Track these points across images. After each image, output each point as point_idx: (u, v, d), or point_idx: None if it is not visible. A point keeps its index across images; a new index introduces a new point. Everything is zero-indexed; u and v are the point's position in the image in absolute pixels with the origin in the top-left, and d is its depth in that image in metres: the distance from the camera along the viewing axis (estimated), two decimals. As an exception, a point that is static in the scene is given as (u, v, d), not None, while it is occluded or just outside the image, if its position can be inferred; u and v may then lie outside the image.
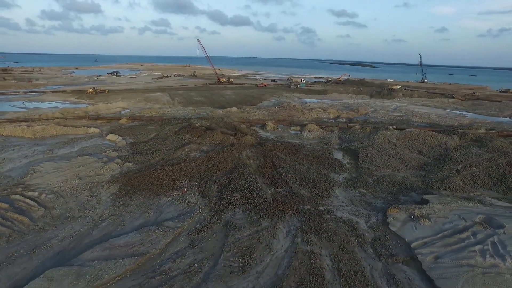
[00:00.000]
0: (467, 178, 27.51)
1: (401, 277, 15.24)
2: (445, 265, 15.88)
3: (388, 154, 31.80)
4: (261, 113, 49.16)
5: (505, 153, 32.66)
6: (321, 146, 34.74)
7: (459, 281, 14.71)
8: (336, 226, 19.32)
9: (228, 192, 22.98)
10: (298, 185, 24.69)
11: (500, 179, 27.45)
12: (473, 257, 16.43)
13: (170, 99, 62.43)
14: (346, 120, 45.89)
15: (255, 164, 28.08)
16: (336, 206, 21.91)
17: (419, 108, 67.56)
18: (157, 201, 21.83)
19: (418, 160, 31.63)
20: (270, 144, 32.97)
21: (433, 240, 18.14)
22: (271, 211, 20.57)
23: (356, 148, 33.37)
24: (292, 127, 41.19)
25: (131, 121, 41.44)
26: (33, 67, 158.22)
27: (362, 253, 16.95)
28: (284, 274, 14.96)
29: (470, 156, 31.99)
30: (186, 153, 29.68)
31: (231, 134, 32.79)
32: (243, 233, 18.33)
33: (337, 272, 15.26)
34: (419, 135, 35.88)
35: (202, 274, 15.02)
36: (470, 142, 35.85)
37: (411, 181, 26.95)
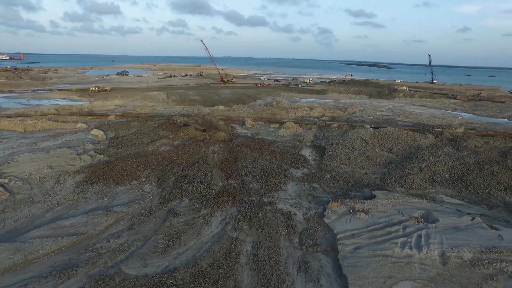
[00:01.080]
0: (427, 176, 27.48)
1: (314, 265, 15.99)
2: (360, 255, 16.46)
3: (356, 151, 32.09)
4: (247, 111, 50.33)
5: (476, 153, 32.21)
6: (292, 143, 35.47)
7: (367, 269, 15.28)
8: (272, 217, 20.21)
9: (182, 182, 24.38)
10: (252, 178, 25.69)
11: (461, 177, 27.26)
12: (391, 248, 16.89)
13: (166, 97, 64.81)
14: (329, 119, 46.12)
15: (218, 158, 29.32)
16: (280, 199, 22.76)
17: (415, 108, 66.41)
18: (114, 189, 23.52)
19: (386, 157, 31.75)
20: (240, 140, 34.09)
21: (360, 232, 18.65)
22: (215, 201, 21.74)
23: (326, 145, 33.86)
24: (272, 125, 42.08)
25: (119, 117, 43.78)
26: (49, 67, 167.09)
27: (286, 242, 17.79)
28: (201, 256, 16.11)
29: (439, 154, 31.74)
30: (157, 147, 31.36)
31: (202, 130, 34.22)
32: (180, 219, 19.62)
33: (253, 257, 16.22)
34: (393, 133, 35.83)
35: (128, 253, 16.44)
36: (446, 141, 35.42)
37: (369, 177, 27.27)
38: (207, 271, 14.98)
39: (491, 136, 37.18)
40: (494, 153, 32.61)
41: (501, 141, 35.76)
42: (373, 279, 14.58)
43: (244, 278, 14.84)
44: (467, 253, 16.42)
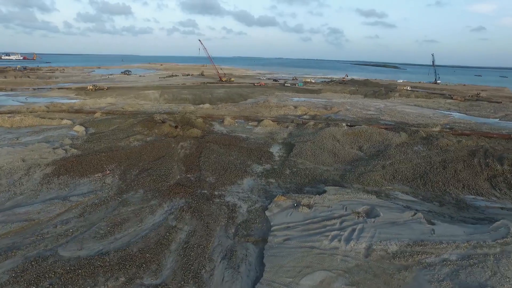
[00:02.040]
0: (388, 173, 27.66)
1: (240, 254, 16.68)
2: (287, 246, 17.04)
3: (324, 148, 32.47)
4: (232, 109, 51.27)
5: (445, 151, 32.16)
6: (265, 140, 36.12)
7: (287, 259, 15.86)
8: (216, 209, 21.01)
9: (143, 175, 25.50)
10: (210, 172, 26.54)
11: (422, 175, 27.36)
12: (320, 241, 17.38)
13: (159, 96, 66.45)
14: (309, 117, 46.50)
15: (183, 153, 30.32)
16: (232, 192, 23.52)
17: (407, 108, 65.83)
18: (78, 181, 24.81)
19: (353, 155, 32.00)
20: (212, 137, 35.04)
21: (297, 225, 19.20)
22: (167, 193, 22.71)
23: (296, 142, 34.37)
24: (250, 123, 42.83)
25: (105, 115, 45.45)
26: (57, 66, 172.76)
27: (221, 232, 18.56)
28: (135, 242, 17.08)
29: (407, 153, 31.81)
30: (129, 142, 32.63)
31: (174, 127, 35.35)
32: (128, 209, 20.67)
33: (183, 245, 17.08)
34: (366, 132, 36.00)
35: (70, 238, 17.56)
36: (418, 139, 35.36)
37: (330, 174, 27.66)
38: (135, 255, 15.93)
39: (466, 135, 36.82)
40: (464, 152, 32.48)
41: (474, 140, 35.41)
42: (290, 268, 15.16)
43: (168, 262, 15.71)
44: (393, 246, 16.77)
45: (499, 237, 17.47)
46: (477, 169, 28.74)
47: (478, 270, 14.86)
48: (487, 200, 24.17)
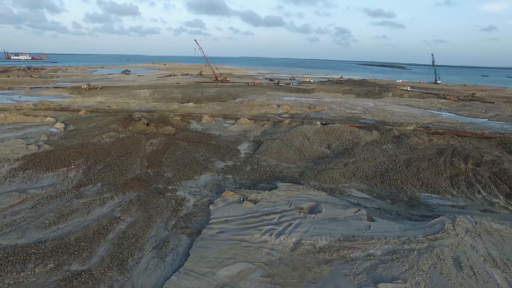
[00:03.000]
0: (349, 171, 27.78)
1: (171, 244, 17.19)
2: (217, 238, 17.47)
3: (291, 146, 32.74)
4: (214, 108, 51.91)
5: (414, 150, 32.10)
6: (236, 137, 36.56)
7: (213, 250, 16.27)
8: (164, 202, 21.60)
9: (105, 170, 26.28)
10: (170, 168, 27.14)
11: (383, 173, 27.41)
12: (252, 234, 17.74)
13: (148, 95, 67.57)
14: (289, 116, 46.78)
15: (151, 150, 31.03)
16: (185, 187, 24.07)
17: (395, 107, 65.34)
18: (41, 175, 25.73)
19: (320, 153, 32.18)
20: (183, 134, 35.69)
21: (235, 219, 19.60)
22: (122, 187, 23.41)
23: (265, 140, 34.74)
24: (228, 121, 43.36)
25: (89, 112, 46.62)
26: (61, 66, 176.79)
27: (161, 224, 19.10)
28: (74, 231, 17.78)
29: (374, 151, 31.83)
30: (101, 139, 33.53)
31: (146, 124, 36.15)
32: (81, 201, 21.40)
33: (120, 234, 17.71)
34: (338, 130, 36.09)
35: (15, 227, 18.34)
36: (390, 138, 35.29)
37: (290, 171, 27.93)
38: (70, 243, 16.61)
39: (440, 134, 36.53)
40: (433, 151, 32.37)
41: (446, 139, 35.11)
42: (212, 259, 15.59)
43: (100, 251, 16.33)
44: (323, 241, 17.02)
45: (431, 233, 17.55)
46: (441, 168, 28.64)
47: (397, 264, 15.03)
48: (441, 198, 24.12)
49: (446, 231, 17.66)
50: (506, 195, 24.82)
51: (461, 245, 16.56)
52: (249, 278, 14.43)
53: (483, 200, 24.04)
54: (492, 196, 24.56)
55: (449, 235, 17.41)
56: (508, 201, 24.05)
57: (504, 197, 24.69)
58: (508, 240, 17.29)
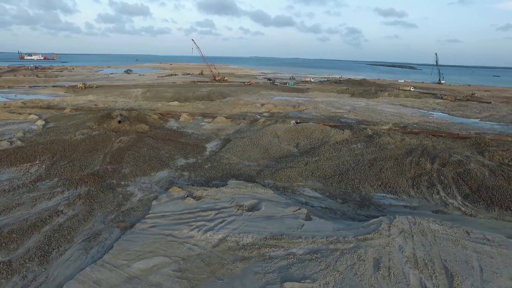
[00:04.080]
0: (308, 169, 27.49)
1: (102, 237, 17.44)
2: (147, 232, 17.61)
3: (257, 145, 32.64)
4: (197, 106, 52.28)
5: (382, 149, 31.52)
6: (208, 135, 36.69)
7: (137, 244, 16.42)
8: (111, 197, 21.93)
9: (66, 165, 26.90)
10: (130, 164, 27.51)
11: (342, 172, 27.01)
12: (181, 230, 17.80)
13: (140, 94, 68.60)
14: (268, 115, 46.64)
15: (118, 147, 31.54)
16: (137, 183, 24.36)
17: (387, 107, 64.14)
18: (3, 170, 26.55)
19: (286, 152, 31.93)
20: (156, 132, 36.13)
21: (172, 214, 19.70)
22: (76, 182, 23.91)
23: (234, 138, 34.76)
24: (205, 119, 43.59)
25: (74, 111, 47.79)
26: (67, 66, 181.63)
27: (100, 218, 19.39)
28: (11, 223, 18.28)
29: (341, 150, 31.39)
30: (74, 136, 34.31)
31: (118, 122, 36.77)
32: (31, 195, 21.98)
33: (55, 225, 18.13)
34: (309, 129, 35.75)
35: (-45, 217, 19.10)
36: (363, 137, 34.68)
37: (249, 169, 27.85)
38: (1, 235, 17.14)
39: (415, 134, 35.64)
40: (403, 150, 31.72)
41: (420, 139, 34.22)
42: (133, 252, 15.75)
43: (29, 243, 16.75)
44: (248, 238, 16.93)
45: (363, 234, 17.19)
46: (406, 168, 28.00)
47: (313, 264, 14.80)
48: (396, 198, 23.56)
49: (379, 232, 17.25)
50: (465, 196, 24.08)
51: (389, 246, 16.15)
52: (161, 272, 14.52)
53: (440, 201, 23.38)
54: (449, 197, 23.85)
55: (381, 235, 17.01)
56: (464, 202, 23.32)
57: (462, 198, 23.97)
58: (440, 241, 16.76)
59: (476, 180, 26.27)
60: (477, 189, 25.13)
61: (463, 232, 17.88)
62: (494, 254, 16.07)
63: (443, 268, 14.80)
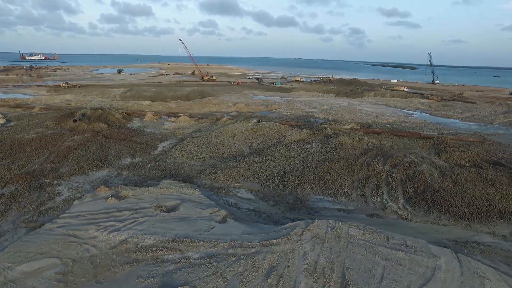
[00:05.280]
0: (251, 170, 26.63)
1: (3, 238, 16.99)
2: (51, 232, 16.99)
3: (208, 144, 31.95)
4: (168, 105, 51.82)
5: (336, 149, 30.71)
6: (166, 135, 36.10)
7: (34, 244, 15.85)
8: (36, 196, 21.46)
9: (3, 165, 26.49)
10: (71, 163, 27.00)
11: (285, 173, 26.20)
12: (87, 230, 17.15)
13: (119, 93, 68.32)
14: (236, 114, 45.95)
15: (67, 145, 31.08)
16: (70, 182, 23.84)
17: (368, 107, 63.03)
18: None
19: (236, 151, 31.17)
20: (112, 131, 35.65)
21: (88, 214, 19.08)
22: (6, 181, 23.44)
23: (187, 137, 34.13)
24: (170, 119, 43.05)
25: (43, 110, 47.62)
26: (63, 66, 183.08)
27: (13, 218, 18.92)
28: None
29: (293, 150, 30.57)
30: (26, 135, 33.98)
31: (73, 121, 36.39)
32: (-46, 193, 21.66)
33: (-41, 227, 17.68)
34: (266, 128, 34.97)
35: None
36: (321, 137, 33.80)
37: (191, 169, 27.12)
38: None
39: (377, 134, 34.63)
40: (358, 150, 30.83)
41: (379, 139, 33.20)
42: (24, 253, 15.13)
43: None
44: (150, 240, 16.22)
45: (270, 238, 16.38)
46: (355, 169, 27.09)
47: (201, 270, 14.05)
48: (333, 201, 22.66)
49: (288, 237, 16.42)
50: (407, 199, 23.11)
51: (292, 252, 15.31)
52: (42, 275, 13.87)
53: (379, 204, 22.43)
54: (391, 200, 22.89)
55: (290, 241, 16.17)
56: (405, 205, 22.35)
57: (405, 201, 23.00)
58: (352, 247, 15.87)
59: (424, 182, 25.30)
60: (423, 191, 24.18)
61: (383, 238, 16.97)
62: (405, 261, 15.14)
63: (340, 277, 13.93)
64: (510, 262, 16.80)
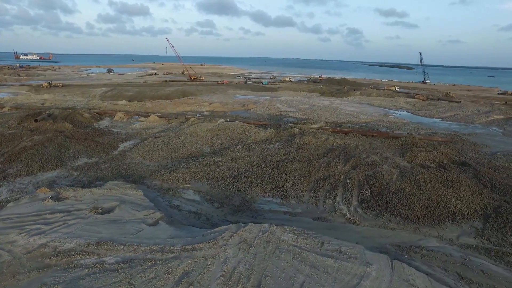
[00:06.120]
0: (204, 170, 25.96)
1: None
2: (-28, 236, 16.39)
3: (168, 144, 31.29)
4: (143, 105, 51.11)
5: (299, 149, 30.10)
6: (131, 134, 35.43)
7: None
8: (-25, 197, 20.82)
9: (-47, 165, 25.86)
10: (22, 164, 26.21)
11: (239, 174, 25.52)
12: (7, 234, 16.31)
13: (100, 93, 67.56)
14: (208, 114, 45.27)
15: (23, 145, 30.30)
16: (14, 183, 23.25)
17: (350, 106, 62.49)
18: None
19: (197, 151, 30.47)
20: (76, 131, 34.93)
21: (18, 216, 18.22)
22: None
23: (149, 137, 33.45)
24: (140, 118, 42.34)
25: (14, 109, 46.90)
26: (55, 65, 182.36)
27: None
28: None
29: (253, 150, 29.95)
30: (-14, 134, 33.25)
31: (34, 120, 35.70)
32: None
33: None
34: (231, 128, 34.34)
35: None
36: (286, 137, 33.13)
37: (145, 170, 26.42)
38: None
39: (345, 133, 33.96)
40: (321, 150, 30.19)
41: (345, 139, 32.51)
42: None
43: None
44: (71, 244, 15.51)
45: (195, 243, 15.69)
46: (313, 170, 26.41)
47: (111, 275, 13.34)
48: (281, 203, 21.95)
49: (214, 241, 15.74)
50: (362, 201, 22.40)
51: (213, 257, 14.61)
52: None
53: (330, 207, 21.72)
54: (343, 203, 22.19)
55: (214, 245, 15.48)
56: (357, 208, 21.65)
57: (359, 203, 22.31)
58: (280, 253, 15.16)
59: (381, 183, 24.62)
60: (379, 193, 23.49)
61: (317, 244, 16.27)
62: (333, 269, 14.41)
63: (256, 286, 13.25)
64: (448, 267, 16.19)
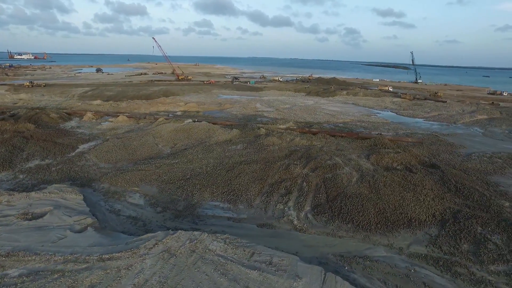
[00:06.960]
0: (156, 173, 24.96)
1: None
2: None
3: (127, 145, 30.34)
4: (118, 106, 50.12)
5: (260, 151, 29.12)
6: (93, 136, 34.37)
7: None
8: None
9: None
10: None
11: (193, 176, 24.52)
12: None
13: (80, 93, 66.38)
14: (181, 114, 44.28)
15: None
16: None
17: (334, 106, 61.66)
18: None
19: (156, 153, 29.42)
20: (37, 131, 33.95)
21: None
22: None
23: (111, 138, 32.42)
24: (110, 118, 41.29)
25: (-14, 109, 45.82)
26: (45, 65, 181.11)
27: None
28: None
29: (213, 151, 28.91)
30: (-50, 135, 32.14)
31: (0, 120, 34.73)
32: None
33: None
34: (195, 128, 33.42)
35: None
36: (251, 137, 32.08)
37: (97, 172, 25.40)
38: None
39: (313, 134, 32.97)
40: (284, 152, 29.19)
41: (311, 140, 31.48)
42: None
43: None
44: (-11, 251, 14.52)
45: (115, 252, 14.66)
46: (270, 173, 25.36)
47: (8, 290, 12.34)
48: (227, 208, 20.93)
49: (135, 250, 14.74)
50: (314, 207, 21.33)
51: (128, 268, 13.58)
52: None
53: (279, 212, 20.64)
54: (294, 208, 21.12)
55: (134, 254, 14.46)
56: (309, 214, 20.59)
57: (311, 208, 21.26)
58: (201, 264, 14.14)
59: (339, 187, 23.53)
60: (334, 197, 22.43)
61: (246, 254, 15.26)
62: (255, 282, 13.37)
63: (165, 300, 12.25)
64: (389, 280, 15.16)
